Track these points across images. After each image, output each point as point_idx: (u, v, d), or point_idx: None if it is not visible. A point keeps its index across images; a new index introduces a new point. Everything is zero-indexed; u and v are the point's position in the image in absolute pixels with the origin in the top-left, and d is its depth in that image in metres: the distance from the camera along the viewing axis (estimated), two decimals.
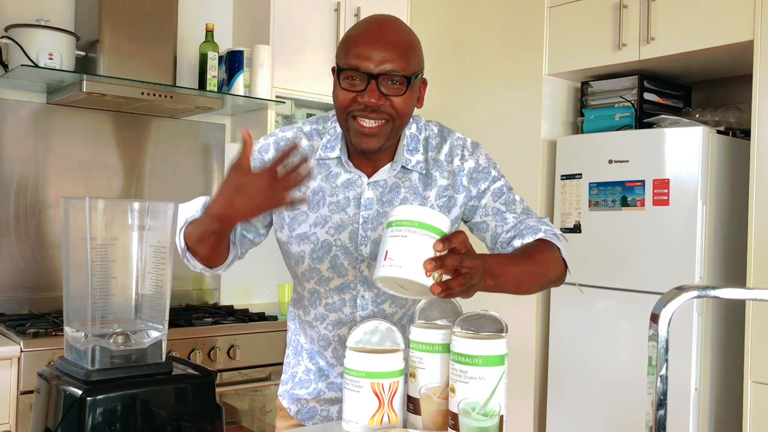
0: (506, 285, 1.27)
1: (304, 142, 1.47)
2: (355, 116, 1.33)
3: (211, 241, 1.37)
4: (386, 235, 1.14)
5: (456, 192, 1.47)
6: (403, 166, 1.45)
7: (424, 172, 1.46)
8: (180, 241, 1.42)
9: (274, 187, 1.24)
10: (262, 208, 1.30)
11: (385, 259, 1.11)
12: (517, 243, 1.41)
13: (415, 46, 1.36)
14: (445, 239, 1.10)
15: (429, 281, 1.09)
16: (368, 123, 1.33)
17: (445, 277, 1.12)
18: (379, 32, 1.33)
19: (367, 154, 1.39)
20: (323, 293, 1.51)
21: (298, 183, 1.25)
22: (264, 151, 1.48)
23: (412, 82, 1.33)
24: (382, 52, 1.30)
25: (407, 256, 1.10)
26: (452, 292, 1.11)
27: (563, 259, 1.42)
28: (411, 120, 1.47)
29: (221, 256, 1.44)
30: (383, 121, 1.33)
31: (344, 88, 1.34)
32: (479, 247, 1.49)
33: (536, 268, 1.35)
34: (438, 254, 1.10)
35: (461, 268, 1.10)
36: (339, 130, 1.45)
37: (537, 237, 1.40)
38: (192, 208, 1.44)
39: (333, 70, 1.38)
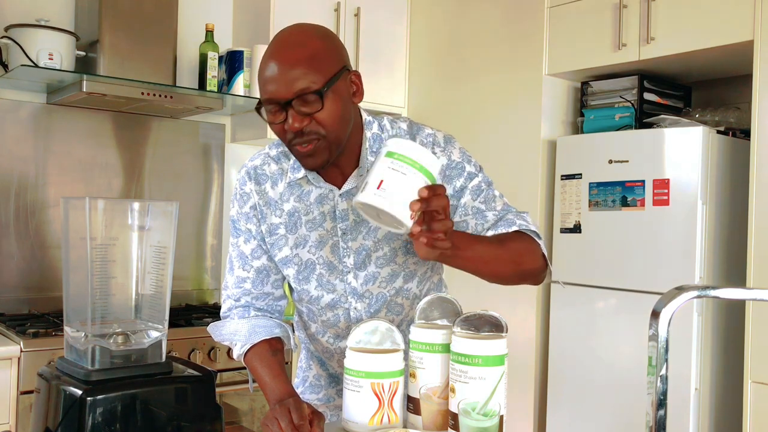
0: (470, 260, 1.26)
1: (273, 167, 1.46)
2: (293, 143, 1.31)
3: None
4: (384, 164, 1.14)
5: None
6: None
7: None
8: (241, 361, 1.53)
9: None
10: None
11: (378, 188, 1.12)
12: (491, 233, 1.38)
13: (322, 50, 1.28)
14: (431, 188, 1.11)
15: (410, 222, 1.12)
16: (303, 147, 1.30)
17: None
18: (281, 53, 1.27)
19: (315, 170, 1.38)
20: (317, 311, 1.52)
21: None
22: (242, 185, 1.48)
23: (325, 93, 1.26)
24: (288, 72, 1.24)
25: (400, 194, 1.12)
26: (432, 234, 1.11)
27: (543, 254, 1.39)
28: (371, 120, 1.43)
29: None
30: (314, 141, 1.29)
31: (270, 122, 1.30)
32: None
33: (504, 252, 1.32)
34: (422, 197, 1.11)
35: (440, 216, 1.13)
36: None
37: (511, 229, 1.37)
38: (241, 331, 1.50)
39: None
